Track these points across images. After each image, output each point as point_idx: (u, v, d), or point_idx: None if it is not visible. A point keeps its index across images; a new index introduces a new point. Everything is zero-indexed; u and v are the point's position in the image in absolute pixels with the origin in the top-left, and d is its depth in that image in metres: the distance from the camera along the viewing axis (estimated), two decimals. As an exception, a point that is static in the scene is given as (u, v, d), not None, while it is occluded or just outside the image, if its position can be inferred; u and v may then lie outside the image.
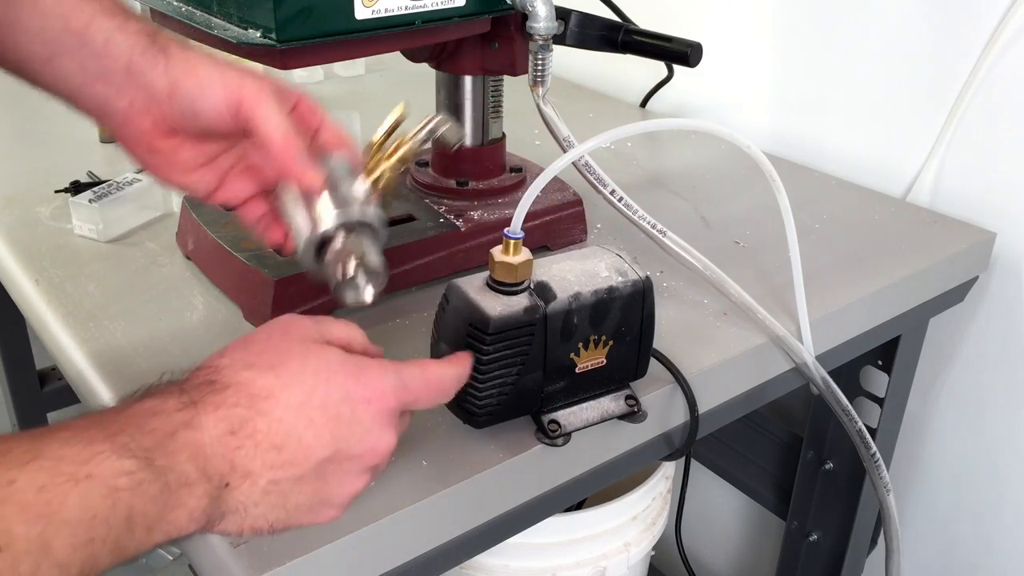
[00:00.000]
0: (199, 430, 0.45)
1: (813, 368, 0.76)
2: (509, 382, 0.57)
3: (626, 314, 0.60)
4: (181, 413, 0.45)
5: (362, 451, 0.49)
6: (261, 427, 0.46)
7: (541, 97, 0.75)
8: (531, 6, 0.72)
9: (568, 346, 0.59)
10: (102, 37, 0.53)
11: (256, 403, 0.47)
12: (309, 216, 0.56)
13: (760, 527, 1.39)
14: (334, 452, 0.48)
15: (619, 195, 0.75)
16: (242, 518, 0.47)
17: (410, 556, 0.58)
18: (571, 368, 0.59)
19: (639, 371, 0.64)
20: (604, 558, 0.97)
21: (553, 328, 0.57)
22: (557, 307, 0.57)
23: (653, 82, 1.26)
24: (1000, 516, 1.07)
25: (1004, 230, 0.96)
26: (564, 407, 0.61)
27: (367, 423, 0.49)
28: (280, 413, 0.47)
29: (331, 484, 0.49)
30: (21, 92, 0.59)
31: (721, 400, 0.75)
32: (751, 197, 1.01)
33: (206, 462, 0.44)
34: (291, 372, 0.48)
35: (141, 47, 0.54)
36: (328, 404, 0.48)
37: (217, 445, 0.45)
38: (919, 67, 1.01)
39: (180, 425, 0.44)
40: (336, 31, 0.65)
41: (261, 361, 0.49)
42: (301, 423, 0.47)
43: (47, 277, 0.81)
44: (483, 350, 0.55)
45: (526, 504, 0.64)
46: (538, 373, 0.58)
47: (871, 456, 0.83)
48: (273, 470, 0.47)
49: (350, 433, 0.49)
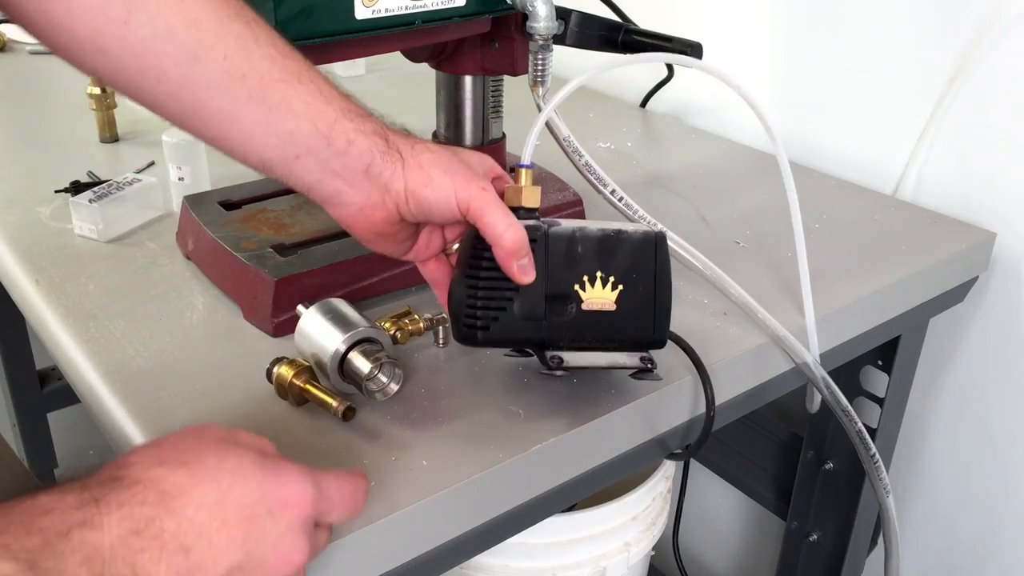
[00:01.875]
0: (98, 530, 0.41)
1: (814, 368, 0.76)
2: (508, 296, 0.59)
3: (637, 260, 0.61)
4: (79, 512, 0.41)
5: (275, 559, 0.46)
6: (169, 527, 0.43)
7: (541, 97, 0.75)
8: (531, 6, 0.72)
9: (572, 274, 0.60)
10: (344, 139, 0.57)
11: (166, 501, 0.44)
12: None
13: (760, 527, 1.39)
14: (245, 557, 0.45)
15: (619, 195, 0.75)
16: None
17: (410, 556, 0.58)
18: (576, 301, 0.60)
19: (656, 332, 0.63)
20: (604, 558, 0.97)
21: (555, 250, 0.59)
22: (560, 231, 0.60)
23: (653, 82, 1.26)
24: (1001, 516, 1.07)
25: (1004, 230, 0.96)
26: (572, 349, 0.61)
27: (282, 528, 0.47)
28: (191, 512, 0.44)
29: None
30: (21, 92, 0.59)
31: (721, 400, 0.74)
32: (751, 197, 1.01)
33: (103, 566, 0.41)
34: (206, 468, 0.46)
35: (379, 150, 0.58)
36: (244, 504, 0.45)
37: (118, 547, 0.42)
38: (919, 67, 1.01)
39: (76, 524, 0.41)
40: (336, 31, 0.65)
41: (173, 458, 0.46)
42: (214, 524, 0.45)
43: (47, 277, 0.81)
44: (483, 255, 0.58)
45: (526, 504, 0.64)
46: (540, 294, 0.59)
47: (870, 457, 0.84)
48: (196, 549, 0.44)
49: (264, 537, 0.46)
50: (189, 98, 0.56)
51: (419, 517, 0.57)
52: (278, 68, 0.56)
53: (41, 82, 1.33)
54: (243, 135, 0.57)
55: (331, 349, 0.62)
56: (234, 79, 0.55)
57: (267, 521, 0.46)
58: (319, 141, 0.57)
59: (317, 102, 0.57)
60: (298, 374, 0.63)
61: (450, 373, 0.68)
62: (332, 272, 0.75)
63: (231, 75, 0.55)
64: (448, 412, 0.64)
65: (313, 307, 0.65)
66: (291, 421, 0.63)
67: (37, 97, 1.28)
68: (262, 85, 0.56)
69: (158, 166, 1.04)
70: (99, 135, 1.12)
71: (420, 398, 0.66)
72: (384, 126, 0.60)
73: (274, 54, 0.56)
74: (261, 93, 0.56)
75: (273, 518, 0.46)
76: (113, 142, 1.12)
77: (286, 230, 0.80)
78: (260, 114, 0.56)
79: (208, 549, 0.44)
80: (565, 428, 0.63)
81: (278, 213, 0.83)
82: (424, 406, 0.65)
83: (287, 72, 0.57)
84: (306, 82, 0.57)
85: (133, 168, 1.03)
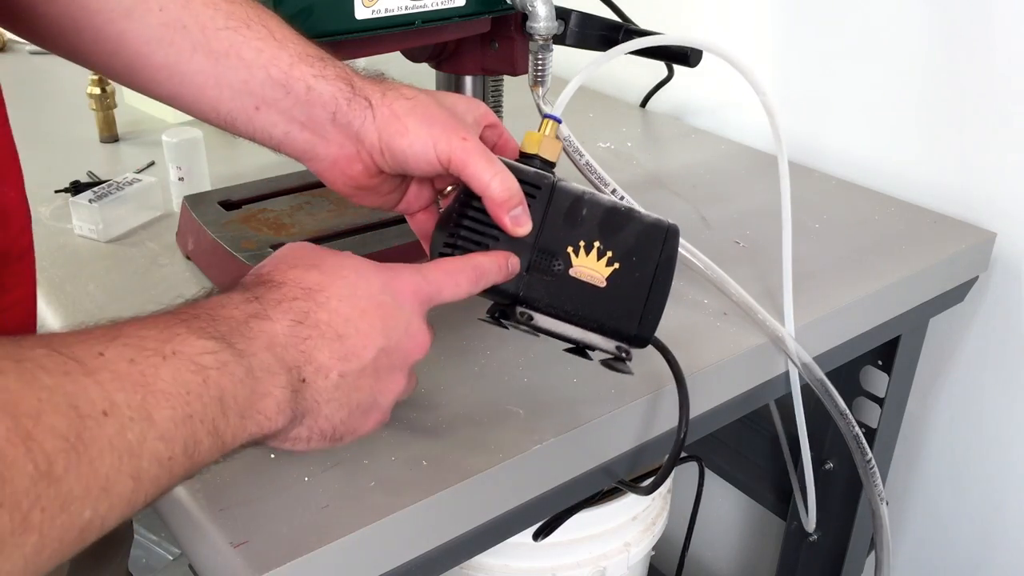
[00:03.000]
0: (269, 321, 0.45)
1: (801, 371, 0.76)
2: (495, 235, 0.56)
3: (641, 243, 0.57)
4: (249, 305, 0.45)
5: (408, 341, 0.50)
6: (323, 318, 0.47)
7: (541, 97, 0.75)
8: (531, 6, 0.72)
9: (569, 235, 0.56)
10: (303, 85, 0.55)
11: (313, 295, 0.47)
12: None
13: (760, 527, 1.39)
14: (386, 341, 0.49)
15: (619, 195, 0.75)
16: (314, 419, 0.47)
17: (410, 556, 0.58)
18: (565, 262, 0.56)
19: (641, 329, 0.57)
20: (604, 558, 0.97)
21: (558, 205, 0.56)
22: (568, 187, 0.57)
23: (653, 82, 1.26)
24: (1001, 516, 1.07)
25: (1004, 230, 0.96)
26: (547, 313, 0.57)
27: (408, 313, 0.51)
28: (335, 305, 0.48)
29: (382, 380, 0.50)
30: (21, 92, 0.59)
31: (721, 400, 0.75)
32: (751, 197, 1.01)
33: (283, 351, 0.45)
34: (332, 268, 0.49)
35: (345, 97, 0.55)
36: (372, 295, 0.49)
37: (289, 335, 0.45)
38: (919, 67, 1.01)
39: (251, 315, 0.45)
40: (336, 31, 0.65)
41: (301, 263, 0.49)
42: (355, 312, 0.48)
43: (47, 277, 0.81)
44: (471, 203, 0.56)
45: (526, 504, 0.64)
46: (528, 243, 0.56)
47: (866, 463, 0.83)
48: (340, 362, 0.47)
49: (396, 323, 0.50)
50: (131, 55, 0.54)
51: (419, 517, 0.57)
52: (222, 15, 0.54)
53: (41, 82, 1.33)
54: (195, 89, 0.55)
55: None
56: (174, 31, 0.53)
57: (395, 308, 0.50)
58: (276, 90, 0.54)
59: (269, 48, 0.54)
60: None
61: (450, 373, 0.68)
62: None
63: (170, 27, 0.53)
64: (448, 412, 0.64)
65: None
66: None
67: (37, 97, 1.28)
68: (205, 35, 0.54)
69: (158, 166, 1.04)
70: (99, 135, 1.12)
71: (419, 397, 0.66)
72: (350, 71, 0.56)
73: (218, 1, 0.54)
74: (205, 43, 0.54)
75: (399, 304, 0.50)
76: (113, 142, 1.12)
77: (286, 230, 0.80)
78: (207, 65, 0.54)
79: (357, 335, 0.48)
80: (566, 428, 0.63)
81: (278, 213, 0.83)
82: (423, 405, 0.65)
83: (232, 18, 0.54)
84: (255, 27, 0.55)
85: (133, 168, 1.03)
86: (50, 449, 0.32)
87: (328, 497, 0.56)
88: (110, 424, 0.35)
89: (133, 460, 0.36)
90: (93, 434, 0.34)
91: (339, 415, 0.48)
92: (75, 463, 0.33)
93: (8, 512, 0.30)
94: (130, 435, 0.35)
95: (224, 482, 0.57)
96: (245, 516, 0.55)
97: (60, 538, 0.33)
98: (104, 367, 0.36)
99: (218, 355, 0.41)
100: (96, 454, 0.34)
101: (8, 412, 0.31)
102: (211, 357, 0.40)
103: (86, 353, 0.36)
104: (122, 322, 0.40)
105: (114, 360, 0.36)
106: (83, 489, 0.33)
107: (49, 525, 0.32)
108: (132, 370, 0.37)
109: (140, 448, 0.36)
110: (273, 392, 0.44)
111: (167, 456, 0.37)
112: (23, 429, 0.31)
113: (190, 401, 0.39)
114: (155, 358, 0.38)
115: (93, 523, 0.34)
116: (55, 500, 0.32)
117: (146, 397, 0.37)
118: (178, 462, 0.38)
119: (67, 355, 0.35)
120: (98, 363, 0.36)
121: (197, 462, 0.40)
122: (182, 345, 0.40)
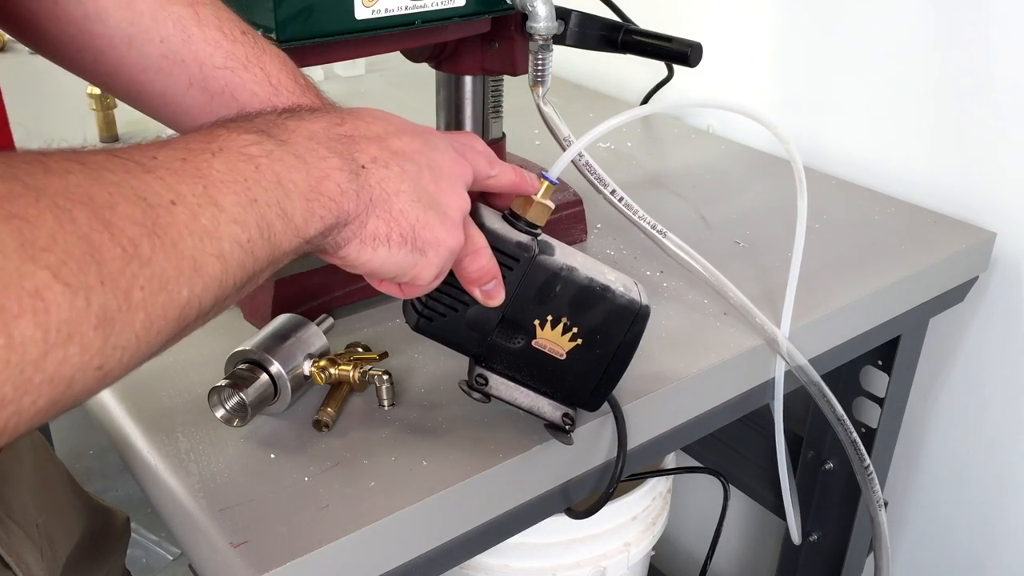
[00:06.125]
0: (307, 121, 0.46)
1: (797, 375, 0.76)
2: (465, 301, 0.55)
3: (608, 323, 0.57)
4: (284, 113, 0.46)
5: (448, 163, 0.51)
6: (360, 128, 0.48)
7: (541, 97, 0.75)
8: (531, 6, 0.72)
9: (537, 310, 0.56)
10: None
11: (344, 114, 0.48)
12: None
13: (760, 527, 1.39)
14: (428, 158, 0.49)
15: (619, 195, 0.75)
16: (387, 211, 0.47)
17: (410, 556, 0.58)
18: (528, 335, 0.57)
19: (591, 400, 0.60)
20: (604, 558, 0.97)
21: (533, 279, 0.55)
22: (547, 262, 0.56)
23: (653, 82, 1.26)
24: (1001, 516, 1.07)
25: (1004, 230, 0.96)
26: (502, 375, 0.58)
27: (444, 144, 0.52)
28: (369, 119, 0.49)
29: (442, 184, 0.50)
30: (21, 92, 0.59)
31: (721, 400, 0.75)
32: (751, 197, 1.01)
33: (326, 141, 0.45)
34: (366, 112, 0.50)
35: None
36: (404, 126, 0.50)
37: (328, 131, 0.46)
38: (919, 67, 1.01)
39: (287, 116, 0.45)
40: (336, 31, 0.65)
41: (337, 111, 0.50)
42: (393, 130, 0.49)
43: (47, 277, 0.80)
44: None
45: (526, 504, 0.64)
46: (497, 314, 0.56)
47: (864, 468, 0.83)
48: (393, 156, 0.47)
49: (435, 146, 0.50)
50: (129, 80, 0.54)
51: (419, 517, 0.57)
52: (221, 54, 0.54)
53: (41, 82, 1.33)
54: (191, 119, 0.55)
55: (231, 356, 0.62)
56: (172, 63, 0.54)
57: (432, 136, 0.51)
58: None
59: (264, 92, 0.55)
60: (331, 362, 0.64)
61: (449, 372, 0.68)
62: (332, 273, 0.74)
63: (169, 59, 0.53)
64: (448, 412, 0.64)
65: (287, 316, 0.66)
66: (291, 421, 0.63)
67: (37, 97, 1.28)
68: (203, 72, 0.54)
69: (158, 166, 1.04)
70: (99, 135, 1.12)
71: (419, 397, 0.66)
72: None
73: (219, 38, 0.54)
74: (202, 80, 0.54)
75: (434, 136, 0.52)
76: (113, 142, 1.12)
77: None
78: (203, 100, 0.54)
79: (399, 142, 0.49)
80: (565, 428, 0.63)
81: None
82: (424, 405, 0.65)
83: (231, 59, 0.54)
84: (253, 69, 0.55)
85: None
86: (132, 234, 0.33)
87: (328, 497, 0.56)
88: (180, 212, 0.36)
89: (214, 242, 0.37)
90: (167, 220, 0.35)
91: (414, 212, 0.47)
92: (159, 246, 0.34)
93: (111, 291, 0.32)
94: (204, 220, 0.37)
95: (224, 482, 0.57)
96: (245, 516, 0.55)
97: (163, 315, 0.34)
98: (160, 166, 0.37)
99: (263, 144, 0.42)
100: (176, 237, 0.35)
101: (85, 203, 0.32)
102: (257, 147, 0.41)
103: (141, 155, 0.37)
104: (160, 140, 0.41)
105: (168, 160, 0.37)
106: (175, 269, 0.35)
107: (151, 303, 0.34)
108: (187, 166, 0.38)
109: (216, 231, 0.37)
110: (331, 175, 0.44)
111: (245, 239, 0.39)
112: (103, 217, 0.32)
113: (250, 187, 0.40)
114: (205, 154, 0.39)
115: (191, 303, 0.36)
116: (151, 280, 0.33)
117: (207, 187, 0.38)
118: (257, 245, 0.39)
119: (125, 157, 0.36)
120: (154, 164, 0.37)
121: (276, 247, 0.41)
122: (226, 142, 0.41)
